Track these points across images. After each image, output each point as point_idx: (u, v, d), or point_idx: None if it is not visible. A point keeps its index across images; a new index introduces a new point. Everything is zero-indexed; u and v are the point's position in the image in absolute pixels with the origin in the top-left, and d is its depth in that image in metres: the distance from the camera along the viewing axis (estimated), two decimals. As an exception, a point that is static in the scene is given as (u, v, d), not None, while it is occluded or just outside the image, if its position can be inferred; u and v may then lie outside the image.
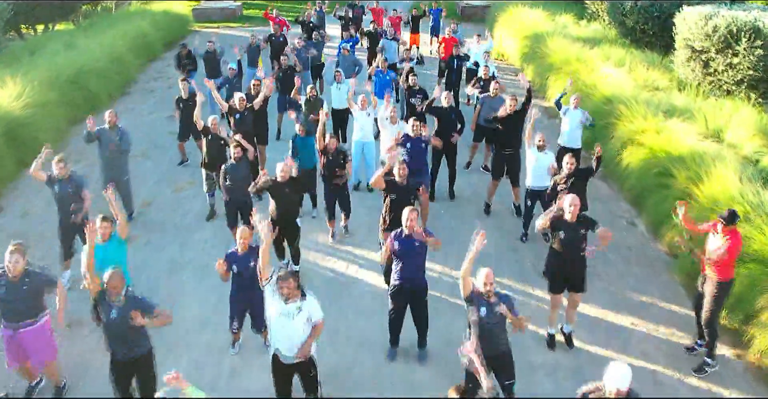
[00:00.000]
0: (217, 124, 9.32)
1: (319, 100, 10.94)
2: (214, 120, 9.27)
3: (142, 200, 10.39)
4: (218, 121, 9.35)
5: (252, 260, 6.30)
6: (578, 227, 6.62)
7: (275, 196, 7.76)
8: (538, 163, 8.89)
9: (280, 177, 7.67)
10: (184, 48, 14.41)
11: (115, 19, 20.88)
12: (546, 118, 14.49)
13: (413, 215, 6.37)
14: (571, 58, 15.42)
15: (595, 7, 20.61)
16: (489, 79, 11.99)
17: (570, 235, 6.64)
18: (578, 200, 6.64)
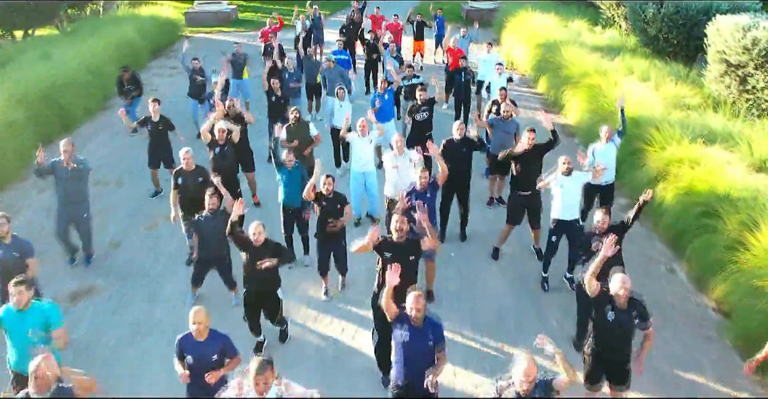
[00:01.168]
0: (191, 158, 8.01)
1: (303, 124, 9.65)
2: (186, 154, 7.97)
3: (109, 240, 9.12)
4: (192, 155, 8.04)
5: (214, 352, 5.00)
6: (630, 312, 5.36)
7: (250, 262, 6.45)
8: (565, 190, 7.65)
9: (254, 241, 6.36)
10: (126, 71, 12.85)
11: (101, 25, 19.59)
12: (564, 136, 13.19)
13: (419, 304, 4.99)
14: (590, 70, 14.13)
15: (611, 13, 19.30)
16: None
17: (618, 320, 5.38)
18: (630, 282, 5.37)
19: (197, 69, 12.55)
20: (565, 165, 7.58)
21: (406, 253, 6.05)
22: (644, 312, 5.41)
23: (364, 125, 9.07)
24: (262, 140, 12.52)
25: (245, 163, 9.94)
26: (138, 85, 12.86)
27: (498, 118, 9.71)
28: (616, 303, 5.37)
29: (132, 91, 12.75)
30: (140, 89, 12.91)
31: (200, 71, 12.60)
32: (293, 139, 9.46)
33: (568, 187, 7.60)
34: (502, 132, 9.65)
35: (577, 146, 12.70)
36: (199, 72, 12.59)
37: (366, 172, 9.38)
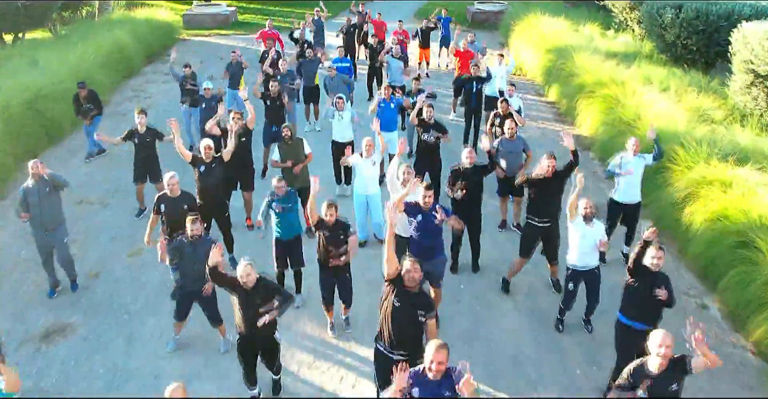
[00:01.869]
0: (177, 184, 7.26)
1: (297, 142, 8.88)
2: (171, 179, 7.21)
3: (89, 270, 8.38)
4: (177, 180, 7.29)
5: None
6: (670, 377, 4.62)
7: (242, 306, 5.70)
8: (584, 239, 6.86)
9: (243, 284, 5.62)
10: (83, 89, 11.36)
11: (95, 28, 18.84)
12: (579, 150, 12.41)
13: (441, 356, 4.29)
14: (605, 78, 13.37)
15: (624, 17, 18.54)
16: (509, 115, 9.98)
17: (658, 388, 4.63)
18: (670, 338, 4.62)
19: (188, 75, 11.84)
20: (587, 209, 6.78)
21: (415, 307, 5.25)
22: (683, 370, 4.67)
23: (370, 145, 8.36)
24: (256, 152, 11.79)
25: (244, 181, 9.22)
26: (97, 103, 11.58)
27: (502, 139, 8.93)
28: (654, 373, 4.62)
29: (91, 111, 11.46)
30: (100, 108, 11.67)
31: (192, 77, 11.86)
32: (286, 158, 8.73)
33: (588, 235, 6.82)
34: (508, 152, 8.89)
35: (591, 160, 11.99)
36: (191, 78, 11.86)
37: (369, 194, 8.67)
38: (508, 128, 8.85)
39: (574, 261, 7.02)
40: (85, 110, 11.40)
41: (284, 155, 8.70)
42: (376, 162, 8.50)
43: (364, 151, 8.37)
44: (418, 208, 6.67)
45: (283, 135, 8.73)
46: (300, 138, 8.96)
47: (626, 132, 11.37)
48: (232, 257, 8.39)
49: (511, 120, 9.05)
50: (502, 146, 8.87)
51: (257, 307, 5.57)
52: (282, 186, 7.26)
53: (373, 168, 8.51)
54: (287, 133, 8.71)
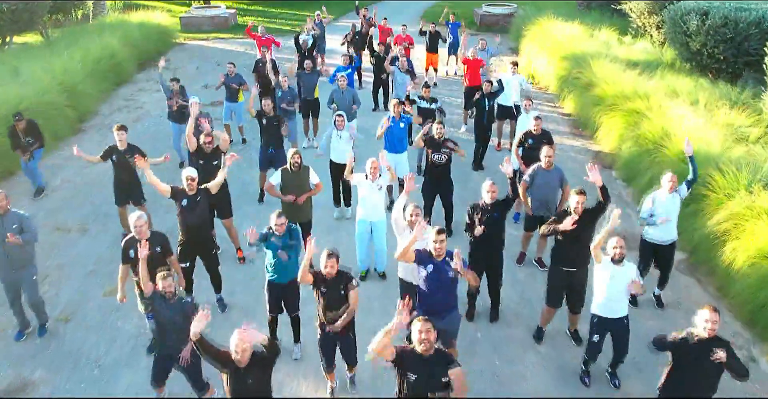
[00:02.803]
0: (145, 225, 6.28)
1: (303, 170, 7.90)
2: (138, 220, 6.24)
3: (59, 313, 7.49)
4: (145, 221, 6.32)
5: None
6: None
7: (231, 385, 4.77)
8: (613, 282, 5.96)
9: (236, 360, 4.69)
10: (20, 121, 9.75)
11: (86, 33, 17.96)
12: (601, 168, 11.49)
13: None
14: (626, 90, 12.43)
15: (641, 21, 17.57)
16: (541, 135, 9.04)
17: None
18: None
19: (176, 91, 10.91)
20: (617, 249, 5.86)
21: (435, 371, 4.46)
22: None
23: (375, 167, 7.47)
24: (251, 172, 10.93)
25: (220, 208, 8.32)
26: (38, 136, 10.04)
27: (538, 166, 7.99)
28: None
29: (32, 144, 9.91)
30: (41, 140, 10.13)
31: (181, 92, 10.95)
32: (289, 189, 7.81)
33: (618, 277, 5.91)
34: (542, 185, 7.95)
35: (615, 180, 11.06)
36: (180, 93, 10.94)
37: (374, 221, 7.78)
38: (545, 156, 7.87)
39: (599, 309, 6.12)
40: (24, 145, 9.84)
41: (287, 184, 7.80)
42: (383, 186, 7.59)
43: (368, 174, 7.46)
44: (428, 256, 5.74)
45: (292, 162, 7.77)
46: (307, 166, 7.98)
47: (653, 151, 10.47)
48: (219, 298, 7.51)
49: (549, 147, 8.02)
50: (536, 177, 7.93)
51: (249, 386, 4.65)
52: (282, 223, 6.32)
53: (379, 193, 7.61)
54: (296, 159, 7.75)
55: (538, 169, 7.95)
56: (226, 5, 26.41)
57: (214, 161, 8.15)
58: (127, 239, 6.31)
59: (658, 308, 7.64)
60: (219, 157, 8.17)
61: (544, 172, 7.90)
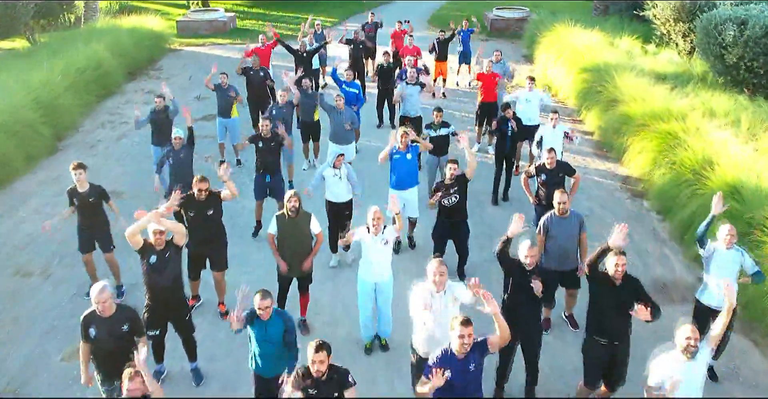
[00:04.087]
0: (108, 299, 5.12)
1: (303, 217, 6.65)
2: (100, 295, 5.08)
3: (6, 384, 6.35)
4: (109, 294, 5.15)
5: None
6: None
7: None
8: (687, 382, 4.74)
9: None
10: None
11: (73, 39, 16.84)
12: (626, 196, 10.34)
13: None
14: (657, 108, 11.25)
15: (666, 29, 16.39)
16: (557, 168, 7.87)
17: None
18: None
19: (160, 109, 9.75)
20: (689, 342, 4.66)
21: None
22: None
23: (379, 218, 6.23)
24: (242, 201, 9.80)
25: (213, 258, 7.17)
26: None
27: (552, 215, 6.82)
28: None
29: None
30: None
31: (164, 112, 9.79)
32: (286, 239, 6.63)
33: (692, 373, 4.73)
34: (561, 235, 6.78)
35: (647, 213, 9.88)
36: (164, 113, 9.77)
37: (379, 282, 6.55)
38: (558, 202, 6.70)
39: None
40: None
41: (283, 233, 6.62)
42: (389, 241, 6.39)
43: (371, 226, 6.28)
44: (448, 356, 4.56)
45: (289, 207, 6.58)
46: (308, 213, 6.72)
47: (692, 181, 9.30)
48: (194, 368, 6.37)
49: (562, 191, 6.79)
50: (551, 227, 6.77)
51: None
52: (267, 306, 5.08)
53: (385, 248, 6.42)
54: (294, 204, 6.54)
55: (553, 218, 6.79)
56: (225, 8, 25.28)
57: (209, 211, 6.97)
58: (86, 315, 5.16)
59: (712, 382, 6.47)
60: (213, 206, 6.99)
61: (559, 220, 6.74)
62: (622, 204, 10.10)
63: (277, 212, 6.77)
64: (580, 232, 6.79)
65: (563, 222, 6.73)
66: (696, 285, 7.99)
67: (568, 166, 7.96)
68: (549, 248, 6.83)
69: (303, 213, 6.62)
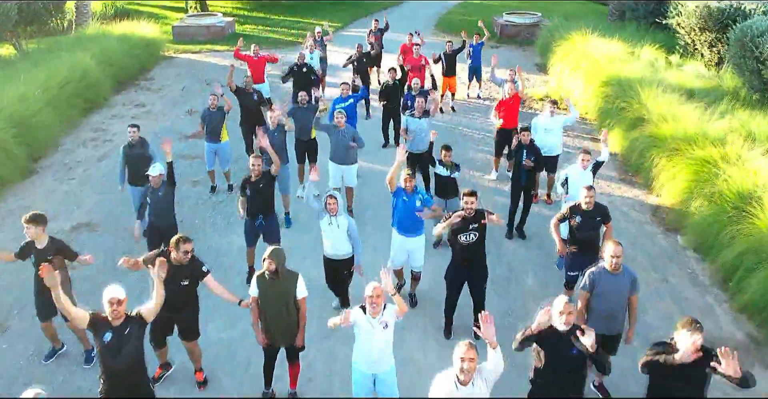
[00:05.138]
0: None
1: (287, 278, 5.59)
2: None
3: None
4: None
5: None
6: None
7: None
8: None
9: None
10: None
11: (61, 47, 15.90)
12: (659, 231, 9.28)
13: None
14: (690, 131, 10.20)
15: (691, 38, 15.31)
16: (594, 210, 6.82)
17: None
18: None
19: (135, 142, 8.64)
20: None
21: None
22: None
23: (378, 296, 5.06)
24: (229, 236, 8.82)
25: (184, 329, 6.09)
26: None
27: (600, 269, 5.77)
28: None
29: None
30: None
31: (141, 146, 8.59)
32: (267, 304, 5.58)
33: None
34: (609, 293, 5.74)
35: (683, 251, 8.83)
36: (139, 146, 8.58)
37: (379, 374, 5.40)
38: (612, 256, 5.60)
39: None
40: None
41: (265, 296, 5.57)
42: (389, 324, 5.24)
43: (368, 305, 5.14)
44: None
45: (265, 268, 5.53)
46: (293, 272, 5.66)
47: (736, 217, 8.27)
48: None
49: (616, 243, 5.66)
50: (598, 283, 5.74)
51: None
52: None
53: (385, 333, 5.24)
54: (270, 267, 5.45)
55: (602, 273, 5.74)
56: (224, 13, 24.30)
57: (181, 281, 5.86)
58: None
59: None
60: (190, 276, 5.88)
61: (609, 277, 5.70)
62: (655, 240, 9.05)
63: (258, 271, 5.70)
64: (631, 293, 5.76)
65: (614, 279, 5.70)
66: (747, 344, 7.04)
67: (606, 211, 6.89)
68: (594, 308, 5.81)
69: (287, 274, 5.55)
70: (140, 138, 8.54)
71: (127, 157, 8.54)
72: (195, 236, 8.81)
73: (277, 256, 5.44)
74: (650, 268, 8.30)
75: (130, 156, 8.49)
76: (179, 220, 9.07)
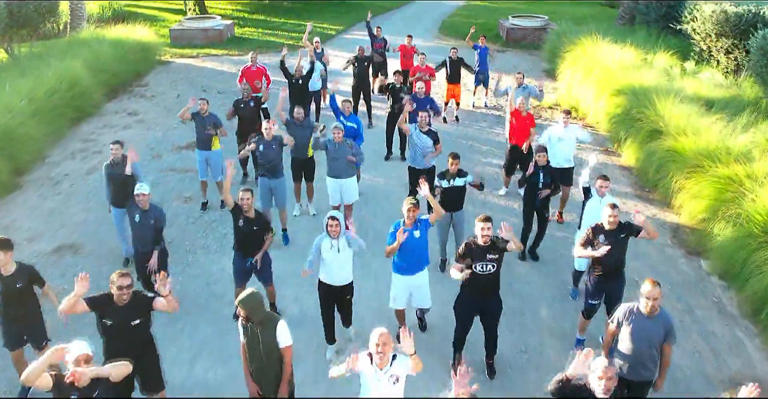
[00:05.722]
0: None
1: (266, 326, 4.95)
2: None
3: None
4: None
5: None
6: None
7: None
8: None
9: None
10: None
11: (52, 52, 15.35)
12: (680, 254, 8.68)
13: None
14: (712, 146, 9.60)
15: (706, 45, 14.71)
16: (618, 229, 6.23)
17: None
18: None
19: (117, 161, 7.96)
20: None
21: None
22: None
23: (384, 343, 4.47)
24: (220, 261, 8.24)
25: (145, 380, 5.45)
26: None
27: (634, 309, 5.17)
28: None
29: None
30: None
31: (121, 164, 7.88)
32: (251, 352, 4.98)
33: None
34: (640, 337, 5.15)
35: (708, 278, 8.23)
36: (121, 165, 7.87)
37: None
38: (649, 297, 5.01)
39: None
40: None
41: (248, 342, 4.98)
42: (400, 378, 4.63)
43: (374, 354, 4.57)
44: None
45: (239, 313, 4.92)
46: (274, 317, 5.03)
47: (765, 243, 7.66)
48: None
49: (655, 283, 5.03)
50: (628, 324, 5.15)
51: None
52: None
53: (394, 388, 4.61)
54: (243, 313, 4.87)
55: (635, 314, 5.16)
56: (223, 15, 23.75)
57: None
58: None
59: None
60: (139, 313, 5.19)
61: (642, 319, 5.11)
62: (677, 265, 8.45)
63: None
64: (665, 341, 5.16)
65: (648, 323, 5.11)
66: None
67: (630, 223, 6.30)
68: (621, 350, 5.22)
69: (265, 320, 4.95)
70: (123, 156, 7.91)
71: (109, 175, 7.93)
72: (185, 261, 8.37)
73: (248, 304, 4.83)
74: (674, 297, 7.70)
75: (113, 175, 7.86)
76: (168, 241, 8.59)
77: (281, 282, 7.67)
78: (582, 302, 6.88)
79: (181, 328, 7.07)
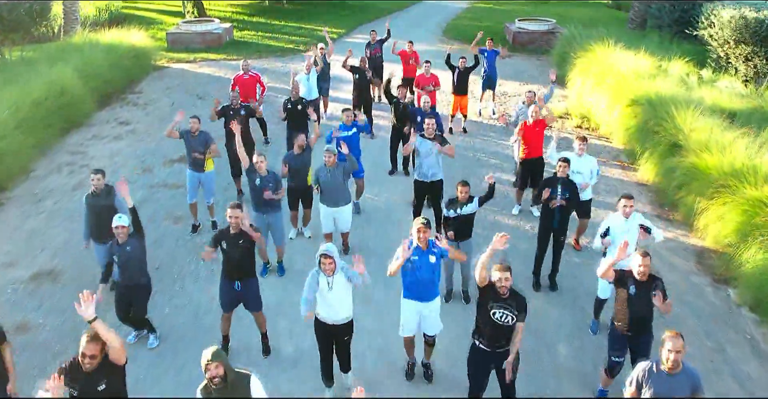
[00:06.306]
0: None
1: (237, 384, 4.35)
2: None
3: None
4: None
5: None
6: None
7: None
8: None
9: None
10: None
11: (44, 57, 14.78)
12: (707, 282, 8.05)
13: None
14: (738, 164, 8.97)
15: (724, 52, 14.09)
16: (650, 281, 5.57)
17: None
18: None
19: (99, 191, 7.26)
20: None
21: None
22: None
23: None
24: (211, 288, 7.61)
25: None
26: None
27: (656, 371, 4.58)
28: None
29: None
30: None
31: (105, 194, 7.23)
32: None
33: None
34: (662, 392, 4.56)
35: (737, 309, 7.60)
36: (104, 196, 7.29)
37: None
38: (671, 350, 4.44)
39: None
40: None
41: None
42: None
43: None
44: None
45: (210, 376, 4.26)
46: (244, 376, 4.42)
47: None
48: None
49: (675, 335, 4.51)
50: (647, 385, 4.56)
51: None
52: None
53: None
54: (219, 370, 4.23)
55: (654, 372, 4.56)
56: (221, 18, 23.14)
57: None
58: None
59: None
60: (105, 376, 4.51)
61: (663, 377, 4.52)
62: (704, 295, 7.82)
63: (201, 384, 4.45)
64: (696, 392, 4.56)
65: (670, 381, 4.51)
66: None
67: (661, 284, 5.62)
68: None
69: (235, 380, 4.34)
70: (106, 186, 7.24)
71: (89, 206, 7.27)
72: (172, 289, 7.76)
73: (223, 358, 4.26)
74: (702, 333, 7.08)
75: (94, 207, 7.18)
76: (155, 266, 8.04)
77: (274, 313, 7.10)
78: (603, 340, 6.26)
79: (166, 368, 6.46)
